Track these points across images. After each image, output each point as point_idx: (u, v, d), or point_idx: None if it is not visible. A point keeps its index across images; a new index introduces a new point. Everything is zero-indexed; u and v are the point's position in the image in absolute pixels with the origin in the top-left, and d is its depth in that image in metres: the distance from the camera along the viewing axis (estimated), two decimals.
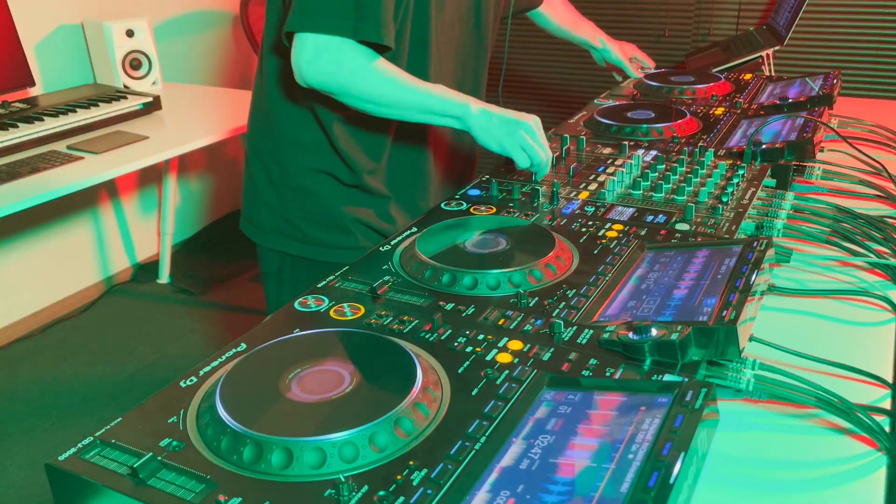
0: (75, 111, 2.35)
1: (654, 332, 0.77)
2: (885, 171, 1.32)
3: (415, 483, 0.61)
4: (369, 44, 1.15)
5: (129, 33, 2.73)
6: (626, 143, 1.43)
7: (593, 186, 1.26)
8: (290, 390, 0.72)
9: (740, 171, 1.27)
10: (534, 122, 1.20)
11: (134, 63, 2.76)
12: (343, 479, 0.60)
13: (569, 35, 1.88)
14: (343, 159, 1.31)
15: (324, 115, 1.28)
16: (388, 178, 1.37)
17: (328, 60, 1.13)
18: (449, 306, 0.89)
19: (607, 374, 0.76)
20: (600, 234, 1.08)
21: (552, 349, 0.80)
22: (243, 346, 0.81)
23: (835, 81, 1.70)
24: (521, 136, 1.17)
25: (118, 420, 0.70)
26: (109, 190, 3.11)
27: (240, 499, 0.60)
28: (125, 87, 2.72)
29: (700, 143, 1.45)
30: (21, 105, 2.38)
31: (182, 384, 0.75)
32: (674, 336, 0.76)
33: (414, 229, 1.10)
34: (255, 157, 1.38)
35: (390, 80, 1.16)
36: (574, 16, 1.87)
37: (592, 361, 0.78)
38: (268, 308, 1.46)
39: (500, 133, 1.17)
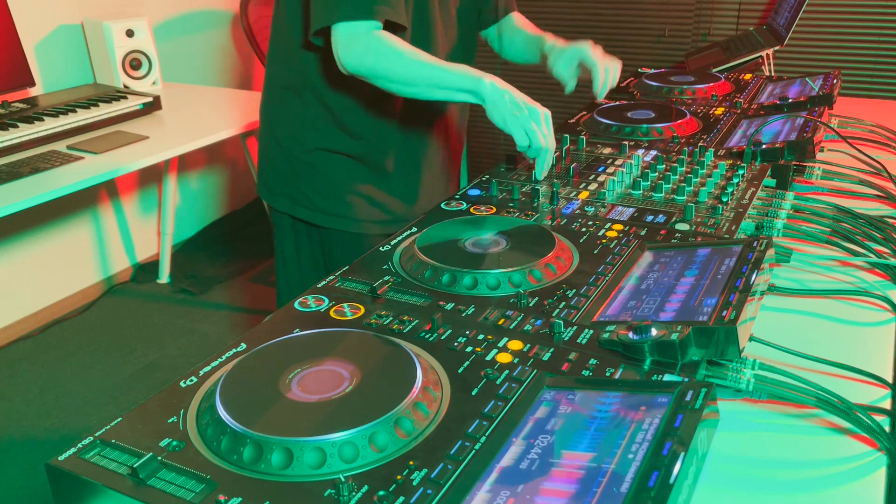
0: (75, 111, 2.35)
1: (654, 332, 0.77)
2: (885, 171, 1.32)
3: (415, 483, 0.61)
4: (386, 25, 1.24)
5: (129, 33, 2.73)
6: (626, 143, 1.43)
7: (593, 186, 1.26)
8: (290, 390, 0.72)
9: (740, 171, 1.27)
10: (543, 112, 1.24)
11: (134, 63, 2.76)
12: (343, 479, 0.60)
13: (531, 38, 1.63)
14: (348, 137, 1.42)
15: (331, 98, 1.39)
16: (389, 155, 1.47)
17: (358, 46, 1.23)
18: (449, 306, 0.89)
19: (607, 374, 0.76)
20: (600, 234, 1.08)
21: (552, 349, 0.80)
22: (243, 346, 0.81)
23: (835, 81, 1.70)
24: (525, 118, 1.21)
25: (118, 420, 0.70)
26: (109, 190, 3.11)
27: (240, 499, 0.60)
28: (125, 87, 2.72)
29: (700, 143, 1.45)
30: (21, 105, 2.38)
31: (182, 384, 0.75)
32: (674, 336, 0.76)
33: (414, 229, 1.10)
34: (269, 131, 1.51)
35: (412, 60, 1.24)
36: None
37: (592, 361, 0.78)
38: (276, 263, 1.59)
39: (507, 111, 1.21)
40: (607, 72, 1.47)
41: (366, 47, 1.22)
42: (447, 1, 1.43)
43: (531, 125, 1.21)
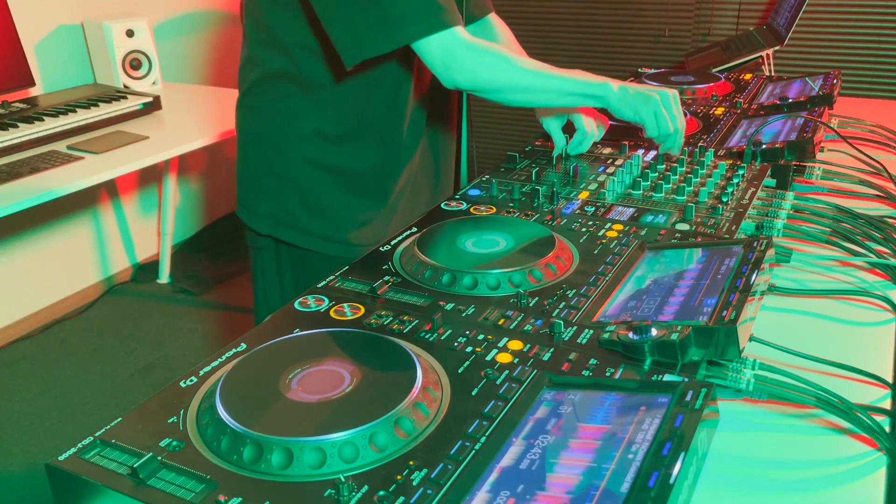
0: (75, 111, 2.35)
1: (654, 332, 0.77)
2: (885, 171, 1.32)
3: (415, 483, 0.61)
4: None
5: (129, 33, 2.73)
6: (626, 143, 1.43)
7: (593, 186, 1.26)
8: (291, 390, 0.72)
9: (740, 171, 1.27)
10: (671, 94, 1.26)
11: (134, 63, 2.76)
12: (343, 479, 0.60)
13: None
14: (342, 155, 1.33)
15: (333, 111, 1.31)
16: (391, 174, 1.39)
17: (466, 60, 1.17)
18: (449, 306, 0.89)
19: (607, 374, 0.76)
20: (600, 234, 1.08)
21: (552, 349, 0.80)
22: (243, 346, 0.81)
23: (835, 81, 1.70)
24: (656, 103, 1.24)
25: (118, 420, 0.70)
26: (109, 190, 3.11)
27: (240, 499, 0.60)
28: (125, 87, 2.73)
29: (700, 143, 1.45)
30: (21, 105, 2.38)
31: (182, 384, 0.75)
32: (674, 336, 0.76)
33: (414, 229, 1.10)
34: (254, 145, 1.42)
35: (530, 70, 1.22)
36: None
37: (592, 361, 0.78)
38: (255, 287, 1.49)
39: (637, 102, 1.24)
40: (587, 139, 1.41)
41: (477, 62, 1.18)
42: None
43: (661, 110, 1.24)
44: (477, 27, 1.53)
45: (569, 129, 1.43)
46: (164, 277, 3.25)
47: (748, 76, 1.96)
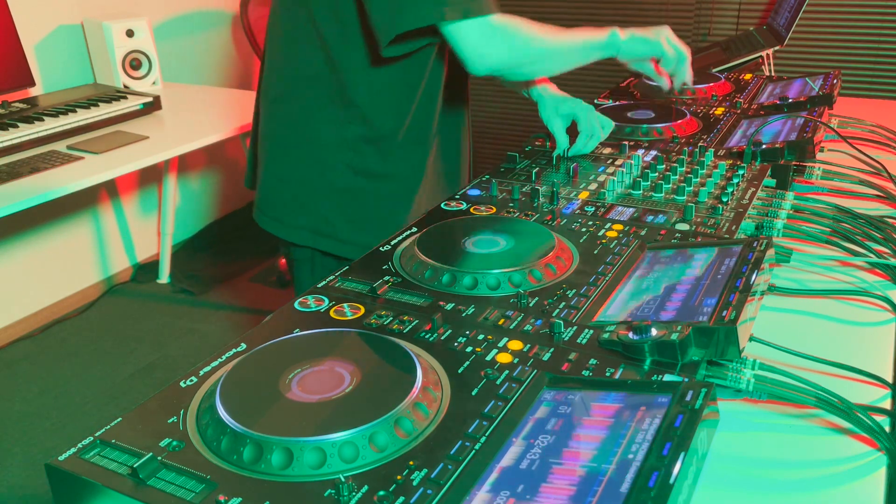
0: (75, 111, 2.35)
1: (654, 332, 0.77)
2: (885, 171, 1.32)
3: (415, 483, 0.61)
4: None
5: (129, 33, 2.73)
6: (626, 143, 1.43)
7: (593, 186, 1.26)
8: (290, 390, 0.72)
9: (740, 171, 1.27)
10: (666, 26, 1.37)
11: (134, 63, 2.76)
12: (343, 479, 0.60)
13: None
14: (383, 158, 1.33)
15: (373, 112, 1.29)
16: (420, 178, 1.38)
17: (498, 43, 1.19)
18: (449, 306, 0.89)
19: (607, 374, 0.76)
20: (600, 234, 1.08)
21: (552, 349, 0.80)
22: (243, 346, 0.81)
23: (835, 81, 1.70)
24: (664, 34, 1.34)
25: (118, 420, 0.70)
26: (109, 190, 3.11)
27: (240, 499, 0.60)
28: (125, 87, 2.73)
29: (700, 143, 1.45)
30: (21, 105, 2.38)
31: (182, 384, 0.75)
32: (674, 336, 0.76)
33: (414, 229, 1.10)
34: (285, 152, 1.36)
35: (550, 40, 1.26)
36: None
37: (592, 361, 0.78)
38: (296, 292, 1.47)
39: (646, 37, 1.33)
40: (593, 138, 1.41)
41: (508, 44, 1.19)
42: None
43: (671, 37, 1.34)
44: None
45: (572, 131, 1.43)
46: (164, 277, 3.25)
47: (748, 76, 1.96)
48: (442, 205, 1.20)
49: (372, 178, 1.33)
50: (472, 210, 1.18)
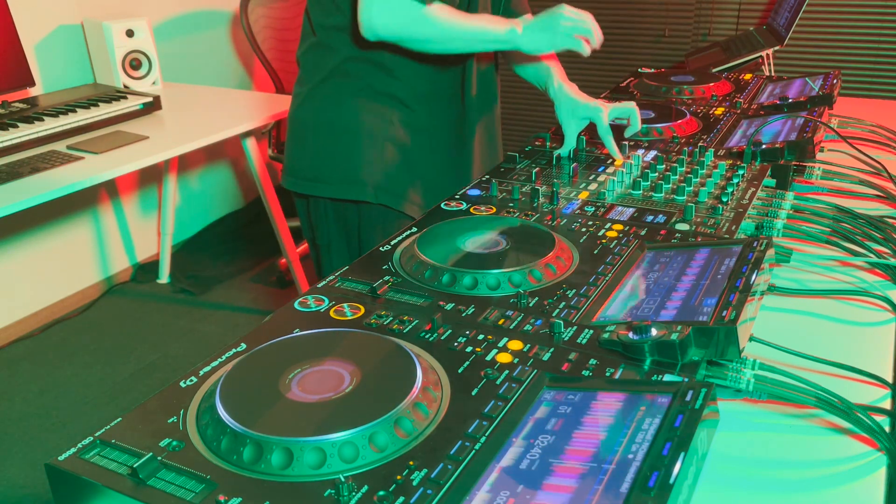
0: (75, 111, 2.35)
1: (654, 332, 0.77)
2: (885, 171, 1.32)
3: (415, 483, 0.61)
4: None
5: (129, 33, 2.73)
6: (626, 143, 1.43)
7: (593, 186, 1.26)
8: (290, 390, 0.72)
9: (740, 171, 1.27)
10: (562, 8, 1.28)
11: (134, 63, 2.76)
12: (343, 479, 0.60)
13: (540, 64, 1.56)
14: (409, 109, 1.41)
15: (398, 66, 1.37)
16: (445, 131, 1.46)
17: (392, 12, 1.23)
18: (449, 306, 0.89)
19: (607, 374, 0.76)
20: (600, 234, 1.08)
21: (552, 349, 0.80)
22: (243, 346, 0.81)
23: (835, 81, 1.70)
24: (562, 26, 1.27)
25: (118, 420, 0.70)
26: (109, 190, 3.11)
27: (240, 499, 0.60)
28: (125, 87, 2.72)
29: (700, 143, 1.45)
30: (21, 105, 2.38)
31: (182, 384, 0.75)
32: (674, 336, 0.76)
33: (414, 229, 1.10)
34: (318, 111, 1.43)
35: (446, 22, 1.26)
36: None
37: (592, 361, 0.78)
38: (322, 254, 1.52)
39: (546, 36, 1.27)
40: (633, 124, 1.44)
41: (394, 12, 1.23)
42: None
43: (571, 26, 1.26)
44: None
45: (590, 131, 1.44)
46: (164, 277, 3.25)
47: (748, 76, 1.96)
48: (442, 205, 1.20)
49: (400, 129, 1.41)
50: (472, 210, 1.18)
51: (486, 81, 1.50)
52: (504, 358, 0.79)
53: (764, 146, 1.33)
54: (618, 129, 1.45)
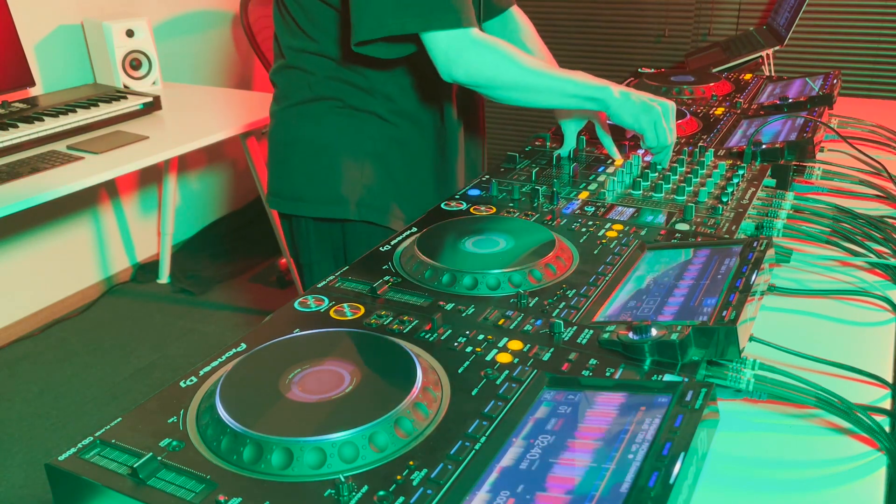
0: (75, 111, 2.35)
1: (654, 332, 0.77)
2: (885, 171, 1.32)
3: (415, 483, 0.61)
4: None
5: (129, 33, 2.73)
6: (626, 143, 1.43)
7: (593, 186, 1.26)
8: (290, 390, 0.72)
9: (740, 171, 1.27)
10: (671, 105, 1.26)
11: (134, 63, 2.76)
12: (343, 479, 0.60)
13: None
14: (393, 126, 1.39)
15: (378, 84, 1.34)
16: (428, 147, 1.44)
17: (470, 57, 1.20)
18: (449, 306, 0.89)
19: (607, 374, 0.76)
20: (600, 234, 1.08)
21: (552, 349, 0.80)
22: (243, 346, 0.81)
23: (835, 81, 1.70)
24: (657, 113, 1.24)
25: (118, 420, 0.70)
26: (109, 190, 3.11)
27: (240, 499, 0.60)
28: (125, 87, 2.73)
29: (700, 143, 1.45)
30: (21, 105, 2.38)
31: (182, 384, 0.75)
32: (674, 336, 0.76)
33: (414, 229, 1.10)
34: (298, 133, 1.40)
35: (531, 70, 1.23)
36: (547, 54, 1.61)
37: (592, 361, 0.78)
38: (304, 273, 1.50)
39: (638, 110, 1.24)
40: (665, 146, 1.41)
41: (481, 59, 1.20)
42: None
43: (661, 121, 1.24)
44: (499, 19, 1.56)
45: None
46: (164, 277, 3.25)
47: (748, 76, 1.96)
48: (442, 205, 1.20)
49: (381, 151, 1.39)
50: (472, 210, 1.18)
51: (468, 90, 1.49)
52: (504, 358, 0.79)
53: (764, 146, 1.33)
54: (618, 130, 1.45)
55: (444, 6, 1.17)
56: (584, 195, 1.22)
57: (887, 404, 0.80)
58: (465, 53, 1.20)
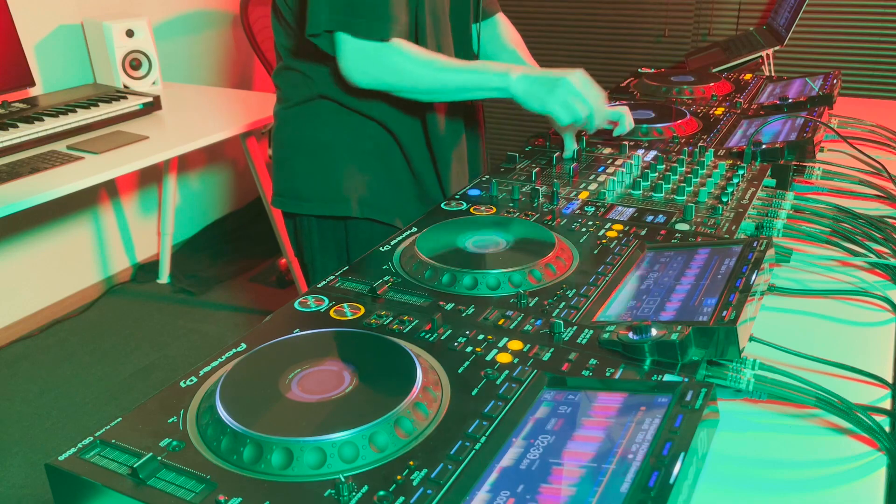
0: (75, 111, 2.35)
1: (654, 332, 0.77)
2: (885, 171, 1.32)
3: (415, 483, 0.61)
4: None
5: (129, 33, 2.73)
6: (626, 143, 1.43)
7: (593, 186, 1.26)
8: (290, 390, 0.72)
9: (740, 171, 1.27)
10: (575, 76, 1.22)
11: (134, 63, 2.76)
12: (343, 479, 0.60)
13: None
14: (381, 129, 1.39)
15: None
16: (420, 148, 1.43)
17: (372, 64, 1.21)
18: (449, 306, 0.89)
19: (607, 374, 0.76)
20: (600, 234, 1.08)
21: (552, 349, 0.80)
22: (243, 346, 0.81)
23: (835, 81, 1.70)
24: (561, 92, 1.20)
25: (118, 420, 0.70)
26: (109, 190, 3.11)
27: (240, 499, 0.60)
28: (125, 87, 2.73)
29: (700, 143, 1.45)
30: (21, 105, 2.38)
31: (182, 384, 0.75)
32: (674, 336, 0.76)
33: (414, 229, 1.10)
34: (305, 135, 1.42)
35: (435, 71, 1.23)
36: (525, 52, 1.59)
37: (592, 361, 0.78)
38: (309, 272, 1.51)
39: (542, 92, 1.20)
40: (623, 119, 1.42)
41: (382, 66, 1.21)
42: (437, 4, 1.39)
43: (568, 97, 1.19)
44: (485, 24, 1.55)
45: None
46: (164, 277, 3.25)
47: (748, 76, 1.96)
48: (442, 204, 1.20)
49: (374, 149, 1.39)
50: (472, 210, 1.18)
51: None
52: (504, 358, 0.79)
53: (764, 146, 1.33)
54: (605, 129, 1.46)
55: (375, 12, 1.18)
56: (584, 195, 1.22)
57: (887, 404, 0.80)
58: (368, 61, 1.21)
